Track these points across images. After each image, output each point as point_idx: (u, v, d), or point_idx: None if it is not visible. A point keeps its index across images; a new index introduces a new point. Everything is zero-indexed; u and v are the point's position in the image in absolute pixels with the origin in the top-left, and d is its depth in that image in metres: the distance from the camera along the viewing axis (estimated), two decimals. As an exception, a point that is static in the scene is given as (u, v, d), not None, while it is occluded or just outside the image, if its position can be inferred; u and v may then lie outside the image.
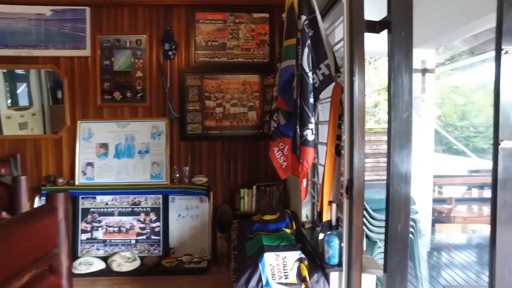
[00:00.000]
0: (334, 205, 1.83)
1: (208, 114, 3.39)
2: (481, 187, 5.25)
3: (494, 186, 1.55)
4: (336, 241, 1.82)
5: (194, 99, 3.38)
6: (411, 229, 2.46)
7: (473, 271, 3.47)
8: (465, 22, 2.89)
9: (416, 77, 3.55)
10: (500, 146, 1.52)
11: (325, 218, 1.84)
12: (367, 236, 2.38)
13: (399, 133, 1.56)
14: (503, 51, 1.52)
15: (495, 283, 1.52)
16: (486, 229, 5.20)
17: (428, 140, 3.79)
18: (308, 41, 1.85)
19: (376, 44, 1.85)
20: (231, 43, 3.39)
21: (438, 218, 4.30)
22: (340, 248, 1.81)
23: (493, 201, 1.55)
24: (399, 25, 1.58)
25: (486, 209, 4.44)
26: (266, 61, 3.39)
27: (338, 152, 1.80)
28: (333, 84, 1.86)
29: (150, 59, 3.35)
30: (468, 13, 2.80)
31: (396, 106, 1.56)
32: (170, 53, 3.33)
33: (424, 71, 3.56)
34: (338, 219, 1.87)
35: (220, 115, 3.40)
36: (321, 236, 1.91)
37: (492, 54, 4.32)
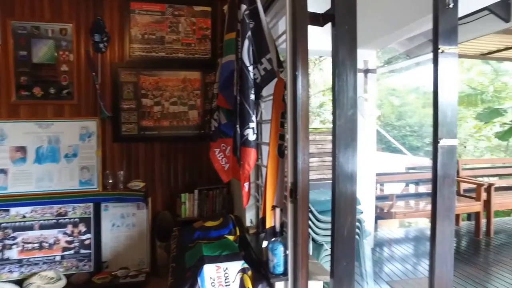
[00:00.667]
0: (278, 210, 1.70)
1: (145, 113, 3.11)
2: (417, 183, 5.59)
3: (434, 183, 1.54)
4: (280, 249, 1.69)
5: (129, 96, 3.08)
6: (357, 230, 2.45)
7: (410, 263, 3.64)
8: (401, 24, 2.98)
9: (359, 76, 3.62)
10: (439, 144, 1.52)
11: (269, 224, 1.71)
12: (313, 239, 2.32)
13: (344, 132, 1.49)
14: (439, 50, 1.52)
15: (435, 276, 1.52)
16: (421, 222, 5.55)
17: (371, 139, 3.89)
18: (249, 33, 1.72)
19: (322, 43, 1.79)
20: (170, 37, 3.14)
21: (380, 215, 4.44)
22: (285, 256, 1.69)
23: (434, 197, 1.55)
24: (343, 18, 1.51)
25: (422, 204, 4.70)
26: (208, 57, 3.20)
27: (281, 152, 1.68)
28: (275, 80, 1.74)
29: (78, 52, 2.97)
30: (404, 16, 2.89)
31: (341, 103, 1.47)
32: (101, 45, 3.00)
33: (366, 71, 3.64)
34: (283, 225, 1.75)
35: (159, 115, 3.13)
36: (264, 243, 1.78)
37: (425, 57, 4.61)
